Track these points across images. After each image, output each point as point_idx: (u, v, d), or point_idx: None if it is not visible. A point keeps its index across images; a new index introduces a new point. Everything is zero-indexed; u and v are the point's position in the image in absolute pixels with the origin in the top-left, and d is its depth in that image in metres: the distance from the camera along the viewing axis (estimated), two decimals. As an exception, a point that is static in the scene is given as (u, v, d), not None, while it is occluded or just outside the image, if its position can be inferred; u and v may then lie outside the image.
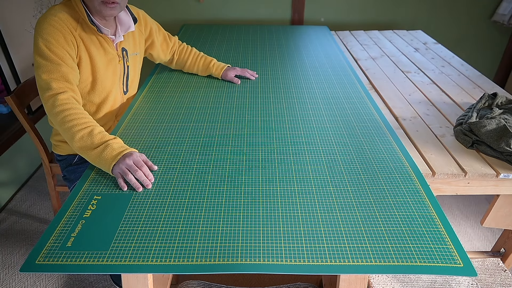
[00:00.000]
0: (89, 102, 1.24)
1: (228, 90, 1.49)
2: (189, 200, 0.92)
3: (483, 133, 1.14)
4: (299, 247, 0.79)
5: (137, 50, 1.36)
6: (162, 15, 2.67)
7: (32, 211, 1.97)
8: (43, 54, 1.06)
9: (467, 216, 1.99)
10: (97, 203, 0.90)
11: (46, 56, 1.06)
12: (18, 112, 1.42)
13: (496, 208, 1.22)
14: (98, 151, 0.98)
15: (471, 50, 2.85)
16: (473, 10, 2.69)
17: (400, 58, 1.93)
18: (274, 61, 1.78)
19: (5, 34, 1.85)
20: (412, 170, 1.02)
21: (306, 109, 1.34)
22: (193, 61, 1.57)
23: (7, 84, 1.92)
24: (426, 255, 0.78)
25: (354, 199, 0.92)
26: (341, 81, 1.57)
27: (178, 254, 0.78)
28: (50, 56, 1.06)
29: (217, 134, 1.18)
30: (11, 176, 2.05)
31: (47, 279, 1.60)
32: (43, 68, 1.06)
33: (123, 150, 0.99)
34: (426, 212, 0.89)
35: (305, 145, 1.13)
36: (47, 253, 0.77)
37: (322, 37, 2.16)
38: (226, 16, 2.70)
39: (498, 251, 1.40)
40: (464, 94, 1.55)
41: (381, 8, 2.68)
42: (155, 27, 1.44)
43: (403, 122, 1.34)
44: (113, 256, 0.77)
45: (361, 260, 0.77)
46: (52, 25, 1.07)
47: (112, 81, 1.26)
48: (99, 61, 1.19)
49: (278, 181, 0.98)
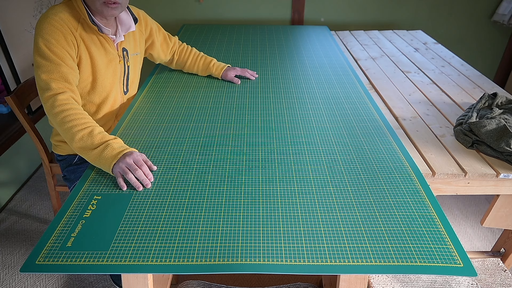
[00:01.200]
0: (89, 102, 1.24)
1: (228, 90, 1.49)
2: (189, 200, 0.92)
3: (483, 133, 1.14)
4: (299, 247, 0.79)
5: (137, 50, 1.36)
6: (162, 15, 2.67)
7: (32, 211, 1.97)
8: (43, 54, 1.06)
9: (467, 216, 1.99)
10: (97, 203, 0.90)
11: (46, 56, 1.06)
12: (18, 112, 1.42)
13: (496, 208, 1.22)
14: (98, 151, 0.98)
15: (471, 50, 2.85)
16: (473, 10, 2.69)
17: (400, 58, 1.93)
18: (274, 61, 1.78)
19: (5, 34, 1.85)
20: (412, 170, 1.02)
21: (306, 109, 1.34)
22: (193, 61, 1.57)
23: (7, 84, 1.92)
24: (426, 255, 0.78)
25: (354, 199, 0.92)
26: (341, 81, 1.57)
27: (178, 254, 0.78)
28: (50, 56, 1.06)
29: (217, 134, 1.18)
30: (11, 176, 2.05)
31: (47, 279, 1.60)
32: (42, 68, 1.06)
33: (123, 149, 0.99)
34: (426, 212, 0.89)
35: (305, 145, 1.13)
36: (47, 253, 0.77)
37: (322, 37, 2.16)
38: (226, 16, 2.70)
39: (498, 251, 1.40)
40: (464, 94, 1.55)
41: (381, 8, 2.68)
42: (155, 27, 1.44)
43: (403, 122, 1.34)
44: (113, 256, 0.77)
45: (361, 260, 0.77)
46: (53, 24, 1.07)
47: (112, 81, 1.26)
48: (100, 61, 1.19)
49: (278, 181, 0.98)
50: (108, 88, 1.25)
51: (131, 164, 0.95)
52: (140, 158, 0.99)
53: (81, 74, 1.16)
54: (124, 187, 0.95)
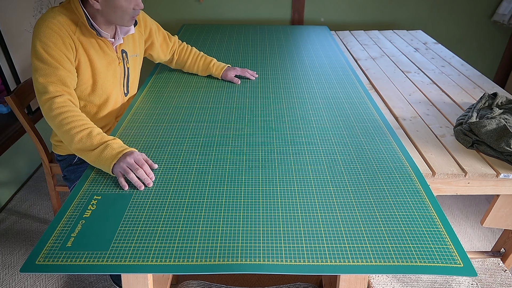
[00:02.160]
0: (90, 103, 1.24)
1: (228, 90, 1.49)
2: (189, 200, 0.92)
3: (483, 133, 1.14)
4: (299, 247, 0.79)
5: (137, 51, 1.36)
6: (162, 15, 2.67)
7: (32, 211, 1.97)
8: (41, 57, 1.05)
9: (467, 216, 1.99)
10: (97, 203, 0.90)
11: (43, 59, 1.05)
12: (18, 112, 1.42)
13: (496, 208, 1.22)
14: (98, 152, 0.98)
15: (471, 50, 2.85)
16: (473, 10, 2.69)
17: (400, 58, 1.93)
18: (274, 61, 1.78)
19: (5, 34, 1.85)
20: (412, 170, 1.02)
21: (306, 109, 1.34)
22: (193, 61, 1.57)
23: (7, 84, 1.92)
24: (426, 255, 0.78)
25: (354, 199, 0.92)
26: (341, 81, 1.57)
27: (178, 254, 0.77)
28: (47, 59, 1.05)
29: (217, 134, 1.18)
30: (11, 176, 2.05)
31: (47, 279, 1.60)
32: (40, 71, 1.05)
33: (123, 149, 0.99)
34: (426, 212, 0.89)
35: (305, 145, 1.13)
36: (47, 254, 0.77)
37: (322, 37, 2.16)
38: (226, 16, 2.70)
39: (498, 251, 1.40)
40: (464, 94, 1.55)
41: (381, 8, 2.68)
42: (154, 27, 1.43)
43: (403, 122, 1.34)
44: (113, 256, 0.77)
45: (361, 260, 0.77)
46: (51, 28, 1.07)
47: (113, 83, 1.26)
48: (99, 64, 1.19)
49: (278, 181, 0.98)
50: (109, 90, 1.25)
51: (132, 164, 0.95)
52: (140, 157, 0.99)
53: (80, 77, 1.16)
54: (126, 187, 0.95)
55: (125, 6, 1.11)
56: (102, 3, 1.09)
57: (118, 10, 1.11)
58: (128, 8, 1.12)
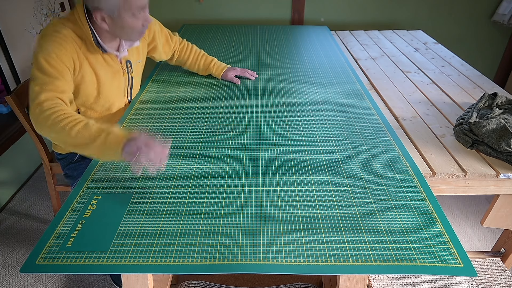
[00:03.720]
0: (91, 110, 1.24)
1: (228, 90, 1.49)
2: (189, 200, 0.92)
3: (483, 133, 1.14)
4: (299, 247, 0.79)
5: (140, 57, 1.36)
6: (162, 15, 2.67)
7: (32, 211, 1.97)
8: (42, 68, 1.03)
9: (467, 216, 1.99)
10: (97, 203, 0.90)
11: (44, 69, 1.03)
12: (18, 112, 1.42)
13: (496, 208, 1.22)
14: (100, 141, 0.93)
15: (471, 50, 2.85)
16: (473, 10, 2.69)
17: (400, 58, 1.93)
18: (274, 61, 1.78)
19: (5, 34, 1.85)
20: (412, 170, 1.02)
21: (306, 109, 1.34)
22: (193, 60, 1.57)
23: (7, 84, 1.92)
24: (426, 255, 0.78)
25: (354, 199, 0.92)
26: (341, 81, 1.57)
27: (178, 254, 0.78)
28: (47, 69, 1.04)
29: (217, 134, 1.18)
30: (11, 176, 2.05)
31: (47, 279, 1.60)
32: (37, 80, 1.03)
33: (127, 133, 0.93)
34: (426, 212, 0.89)
35: (305, 145, 1.13)
36: (47, 254, 0.77)
37: (322, 37, 2.16)
38: (226, 16, 2.70)
39: (498, 251, 1.40)
40: (464, 94, 1.55)
41: (381, 8, 2.68)
42: (158, 29, 1.42)
43: (403, 122, 1.34)
44: (113, 256, 0.77)
45: (361, 260, 0.77)
46: (56, 41, 1.06)
47: (117, 94, 1.27)
48: (104, 76, 1.19)
49: (278, 181, 0.98)
50: (112, 99, 1.25)
51: (146, 142, 0.89)
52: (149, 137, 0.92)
53: (85, 90, 1.16)
54: (139, 171, 0.89)
55: (134, 24, 1.10)
56: (111, 24, 1.08)
57: (127, 29, 1.10)
58: (137, 25, 1.11)
